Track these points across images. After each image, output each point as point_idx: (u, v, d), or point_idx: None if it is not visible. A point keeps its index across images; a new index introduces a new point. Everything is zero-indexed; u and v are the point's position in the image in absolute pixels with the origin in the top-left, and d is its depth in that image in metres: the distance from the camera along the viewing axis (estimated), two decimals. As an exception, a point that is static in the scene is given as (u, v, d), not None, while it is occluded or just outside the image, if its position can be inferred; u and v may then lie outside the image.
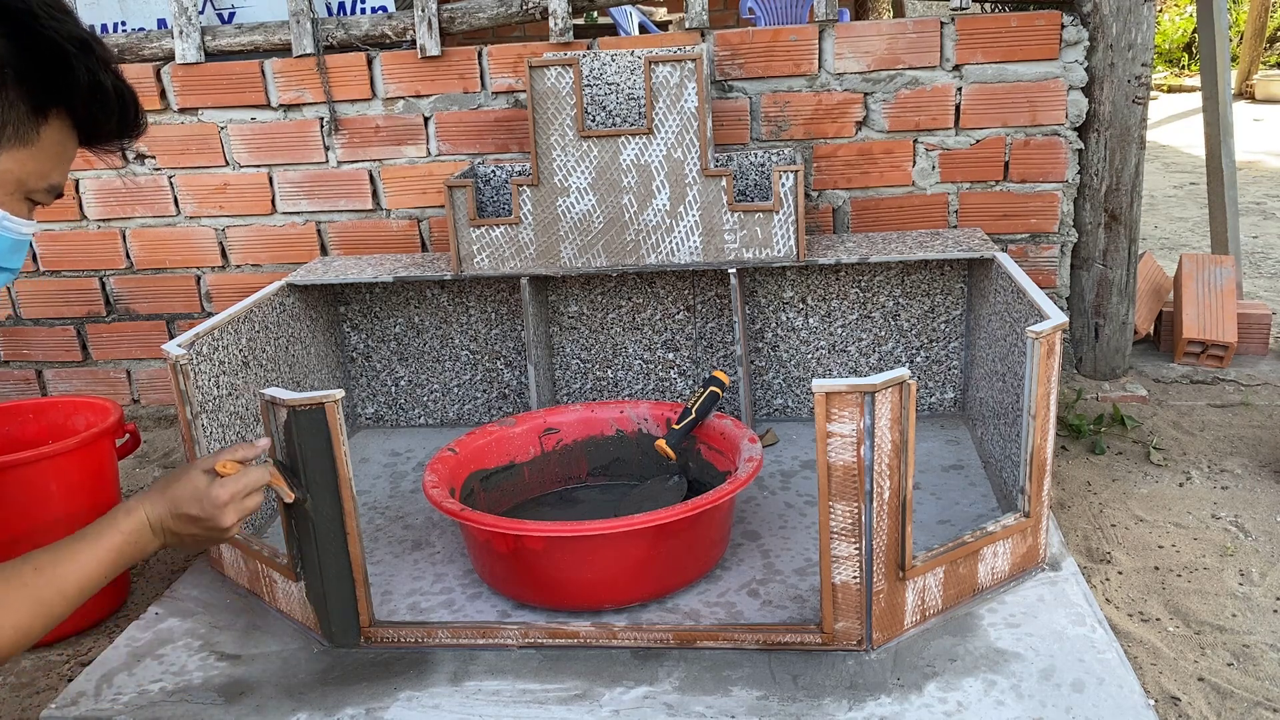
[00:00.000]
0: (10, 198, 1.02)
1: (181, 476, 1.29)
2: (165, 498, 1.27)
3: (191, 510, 1.27)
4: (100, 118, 1.02)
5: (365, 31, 2.47)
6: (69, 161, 1.06)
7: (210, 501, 1.28)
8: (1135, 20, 2.28)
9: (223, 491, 1.28)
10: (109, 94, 1.00)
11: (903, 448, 1.39)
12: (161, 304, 2.70)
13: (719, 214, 2.09)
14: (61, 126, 1.01)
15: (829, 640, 1.46)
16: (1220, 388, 2.52)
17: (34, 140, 0.99)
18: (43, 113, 0.99)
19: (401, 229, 2.56)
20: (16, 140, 0.98)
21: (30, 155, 1.00)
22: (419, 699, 1.44)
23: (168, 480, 1.29)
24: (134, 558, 1.24)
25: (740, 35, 2.35)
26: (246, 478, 1.32)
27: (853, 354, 2.31)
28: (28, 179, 1.01)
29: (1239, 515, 1.98)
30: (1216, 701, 1.48)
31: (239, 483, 1.30)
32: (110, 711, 1.45)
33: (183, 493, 1.27)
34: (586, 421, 2.01)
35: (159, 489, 1.28)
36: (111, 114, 1.02)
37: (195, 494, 1.27)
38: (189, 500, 1.27)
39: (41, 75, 0.97)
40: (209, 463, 1.32)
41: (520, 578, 1.60)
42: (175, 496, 1.27)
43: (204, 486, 1.28)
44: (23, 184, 1.02)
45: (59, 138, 1.02)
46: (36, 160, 1.01)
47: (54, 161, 1.03)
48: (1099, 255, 2.43)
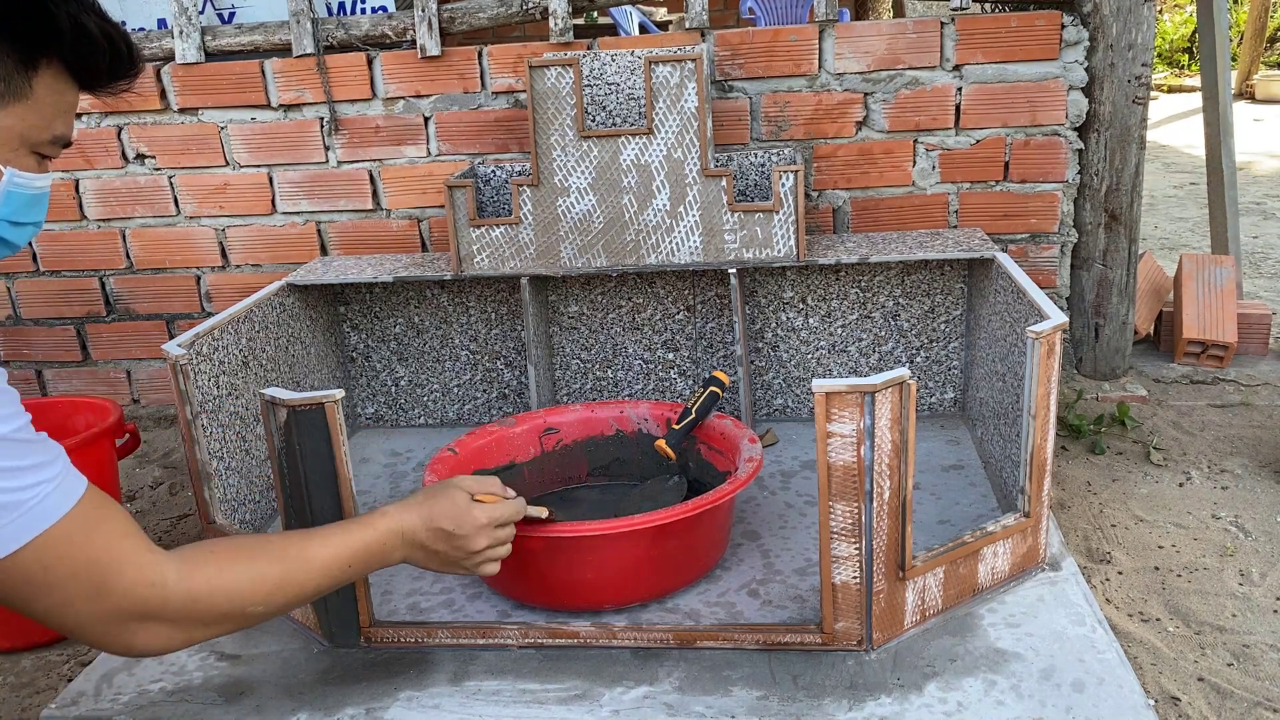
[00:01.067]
0: (16, 154, 1.02)
1: (442, 492, 1.30)
2: (423, 508, 1.28)
3: (447, 525, 1.28)
4: (91, 61, 1.01)
5: (365, 31, 2.47)
6: (70, 111, 1.05)
7: (469, 521, 1.29)
8: (1135, 20, 2.28)
9: (481, 515, 1.30)
10: (95, 36, 0.99)
11: (903, 448, 1.39)
12: (161, 304, 2.70)
13: (719, 214, 2.09)
14: (55, 75, 1.00)
15: (829, 640, 1.46)
16: (1220, 388, 2.52)
17: (28, 93, 0.99)
18: (32, 64, 0.98)
19: (401, 229, 2.56)
20: (10, 95, 0.98)
21: (28, 109, 0.99)
22: (419, 699, 1.44)
23: (428, 493, 1.30)
24: (377, 562, 1.25)
25: (740, 35, 2.35)
26: (504, 508, 1.34)
27: (853, 354, 2.31)
28: (30, 133, 1.01)
29: (1239, 515, 1.98)
30: (1216, 701, 1.48)
31: (497, 510, 1.32)
32: (110, 711, 1.45)
33: (442, 507, 1.28)
34: (586, 421, 2.01)
35: (418, 500, 1.29)
36: (102, 56, 1.01)
37: (454, 510, 1.28)
38: (447, 515, 1.28)
39: (22, 26, 0.96)
40: (471, 486, 1.33)
41: (520, 578, 1.60)
42: (434, 509, 1.28)
43: (464, 505, 1.29)
44: (26, 138, 1.01)
45: (54, 87, 1.01)
46: (36, 113, 1.00)
47: (54, 112, 1.02)
48: (1099, 255, 2.43)
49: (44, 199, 1.09)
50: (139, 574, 1.01)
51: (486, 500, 1.34)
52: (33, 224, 1.10)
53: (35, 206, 1.08)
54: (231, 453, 1.88)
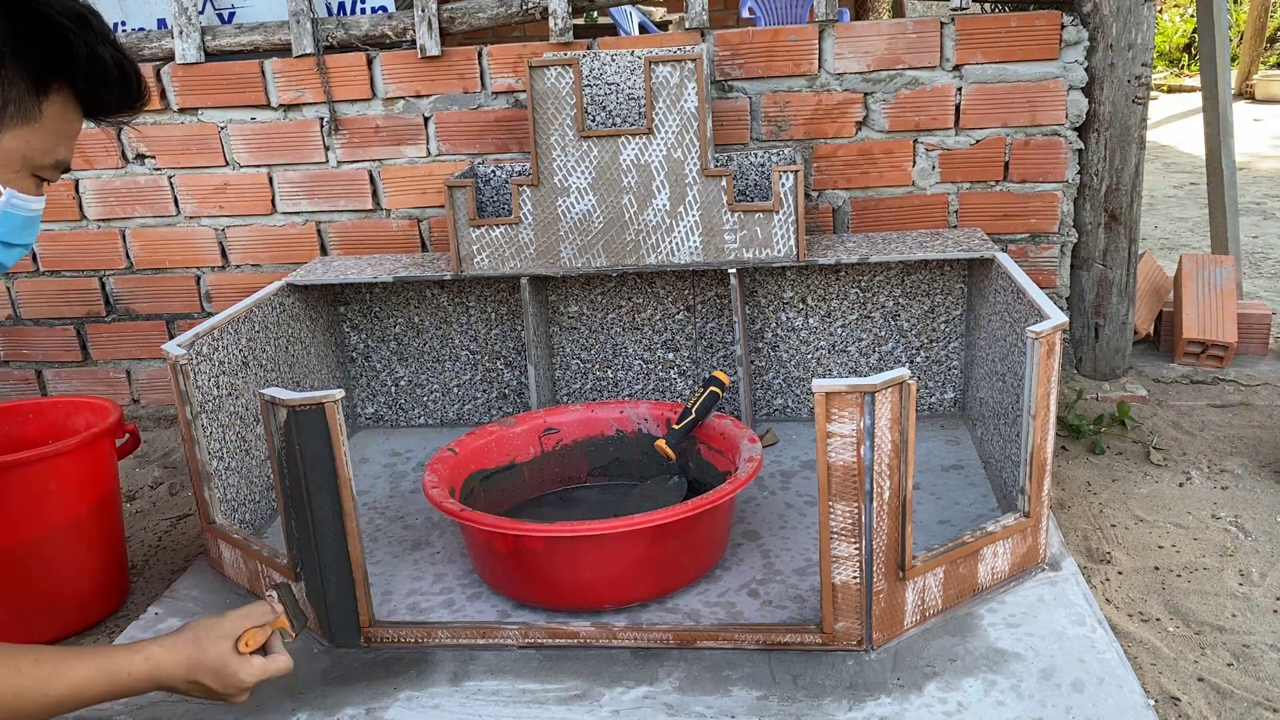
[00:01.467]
0: (17, 175, 1.02)
1: (210, 641, 1.25)
2: (190, 660, 1.24)
3: (210, 683, 1.25)
4: (101, 91, 1.02)
5: (365, 31, 2.47)
6: (74, 136, 1.06)
7: (235, 683, 1.26)
8: (1135, 20, 2.28)
9: (248, 677, 1.27)
10: (109, 66, 1.00)
11: (903, 448, 1.39)
12: (161, 304, 2.70)
13: (719, 214, 2.09)
14: (64, 101, 1.01)
15: (829, 640, 1.46)
16: (1220, 388, 2.52)
17: (36, 117, 0.99)
18: (43, 89, 0.99)
19: (401, 229, 2.56)
20: (19, 118, 0.98)
21: (34, 132, 1.00)
22: (419, 699, 1.44)
23: (197, 637, 1.25)
24: (124, 696, 1.22)
25: (740, 35, 2.35)
26: (274, 665, 1.30)
27: (853, 354, 2.31)
28: (33, 155, 1.02)
29: (1239, 515, 1.98)
30: (1216, 701, 1.48)
31: (266, 671, 1.29)
32: (110, 711, 1.45)
33: (209, 660, 1.25)
34: (586, 421, 2.01)
35: (186, 648, 1.24)
36: (113, 86, 1.02)
37: (222, 666, 1.25)
38: (212, 674, 1.25)
39: (39, 51, 0.97)
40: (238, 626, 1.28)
41: (520, 578, 1.60)
42: (201, 662, 1.24)
43: (232, 665, 1.26)
44: (29, 161, 1.02)
45: (62, 113, 1.02)
46: (41, 137, 1.01)
47: (59, 137, 1.03)
48: (1099, 255, 2.43)
49: (36, 221, 1.09)
50: None
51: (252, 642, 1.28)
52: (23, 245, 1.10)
53: (28, 229, 1.08)
54: (231, 453, 1.88)
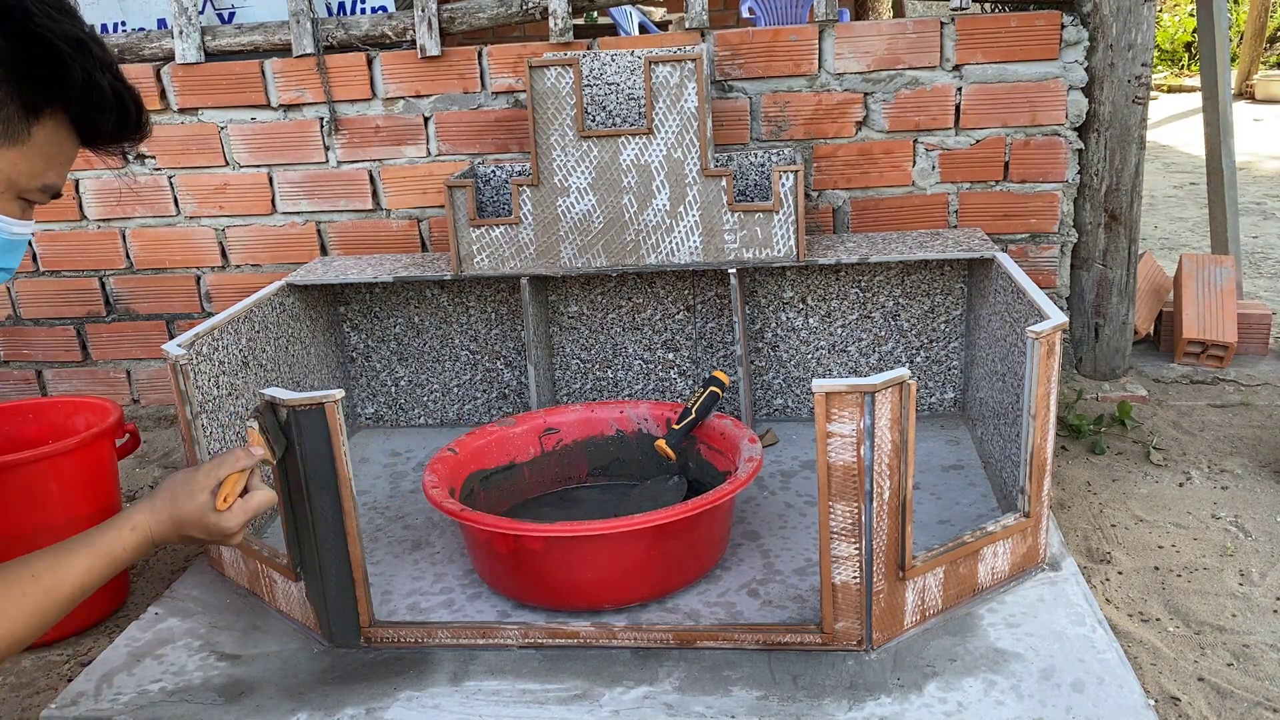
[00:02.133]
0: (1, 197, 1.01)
1: (187, 498, 1.28)
2: (172, 520, 1.27)
3: (197, 534, 1.29)
4: (97, 119, 1.01)
5: (365, 31, 2.47)
6: (67, 162, 1.05)
7: (219, 531, 1.29)
8: (1135, 20, 2.28)
9: (232, 524, 1.29)
10: (106, 95, 0.99)
11: (903, 448, 1.39)
12: (161, 304, 2.70)
13: (719, 214, 2.09)
14: (57, 127, 1.00)
15: (829, 640, 1.46)
16: (1220, 388, 2.52)
17: (25, 140, 0.98)
18: (35, 112, 0.98)
19: (401, 229, 2.56)
20: (7, 139, 0.97)
21: (21, 155, 0.99)
22: (419, 699, 1.44)
23: (174, 496, 1.28)
24: (131, 564, 1.26)
25: (740, 35, 2.35)
26: (253, 502, 1.32)
27: (853, 354, 2.31)
28: (19, 178, 1.00)
29: (1239, 515, 1.98)
30: (1216, 701, 1.48)
31: (247, 511, 1.31)
32: (110, 711, 1.45)
33: (190, 517, 1.28)
34: (586, 421, 2.01)
35: (166, 507, 1.27)
36: (109, 115, 1.01)
37: (202, 521, 1.28)
38: (196, 525, 1.28)
39: (34, 74, 0.96)
40: (212, 478, 1.30)
41: (520, 578, 1.60)
42: (182, 520, 1.27)
43: (212, 518, 1.28)
44: (14, 183, 1.00)
45: (53, 138, 1.00)
46: (28, 160, 0.99)
47: (47, 161, 1.02)
48: (1099, 255, 2.43)
49: (20, 245, 1.08)
50: None
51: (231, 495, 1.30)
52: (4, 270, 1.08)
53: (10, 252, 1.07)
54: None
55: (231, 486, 1.31)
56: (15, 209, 1.04)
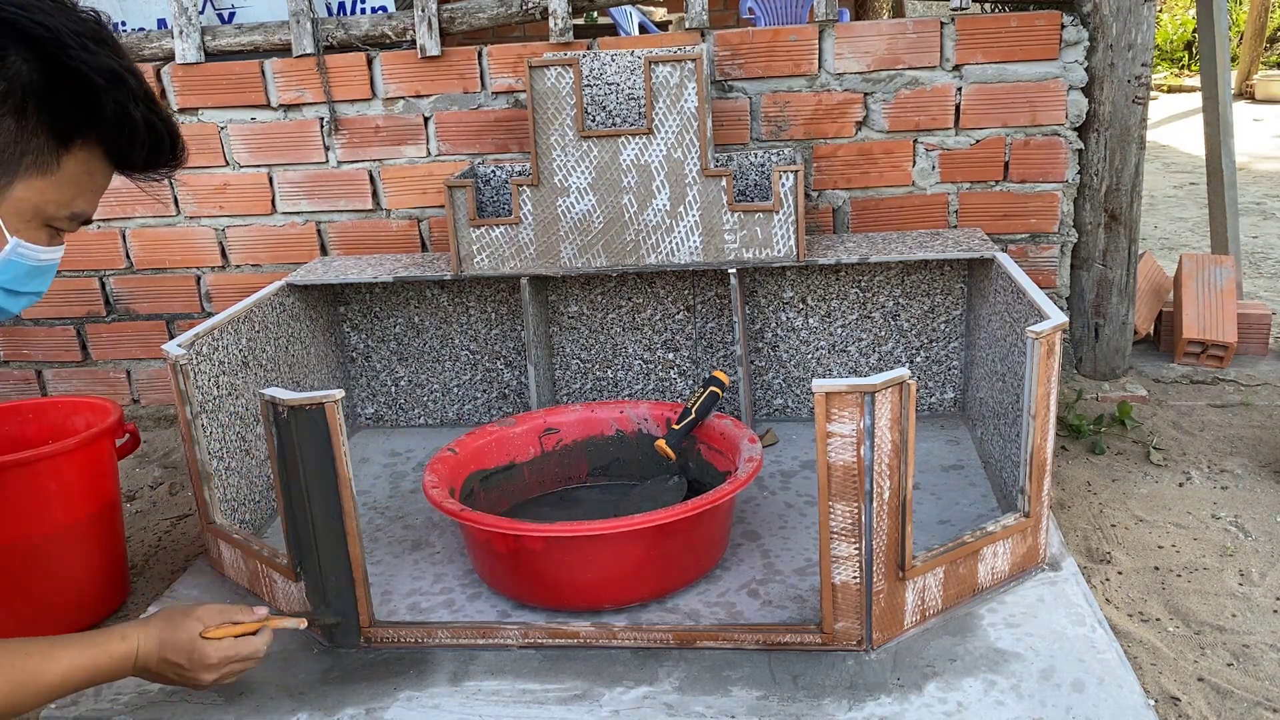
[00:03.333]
0: (27, 225, 1.01)
1: (181, 625, 1.30)
2: (159, 641, 1.28)
3: (177, 659, 1.29)
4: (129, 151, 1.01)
5: (365, 31, 2.47)
6: (98, 191, 1.04)
7: (199, 659, 1.30)
8: (1135, 20, 2.28)
9: (213, 654, 1.30)
10: (139, 127, 0.99)
11: (903, 448, 1.39)
12: (161, 304, 2.70)
13: (719, 214, 2.09)
14: (88, 157, 1.00)
15: (829, 640, 1.46)
16: (1220, 388, 2.52)
17: (54, 170, 0.98)
18: (67, 143, 0.97)
19: (401, 229, 2.56)
20: (36, 169, 0.97)
21: (50, 184, 0.99)
22: (419, 699, 1.44)
23: (170, 617, 1.31)
24: (105, 680, 1.26)
25: (740, 35, 2.35)
26: (241, 649, 1.33)
27: (853, 354, 2.31)
28: (47, 207, 1.00)
29: (1239, 515, 1.98)
30: (1216, 701, 1.48)
31: (232, 651, 1.32)
32: (110, 711, 1.45)
33: (177, 641, 1.29)
34: (586, 421, 2.01)
35: (158, 629, 1.29)
36: (141, 147, 1.01)
37: (187, 647, 1.29)
38: (179, 649, 1.29)
39: (66, 106, 0.95)
40: (211, 616, 1.33)
41: (520, 578, 1.60)
42: (168, 642, 1.29)
43: (199, 643, 1.30)
44: (41, 212, 1.00)
45: (84, 168, 1.00)
46: (58, 189, 0.99)
47: (76, 190, 1.01)
48: (1099, 255, 2.43)
49: (49, 270, 1.07)
50: None
51: (217, 635, 1.32)
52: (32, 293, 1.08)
53: (37, 277, 1.07)
54: (231, 453, 1.88)
55: (224, 631, 1.33)
56: (44, 236, 1.03)
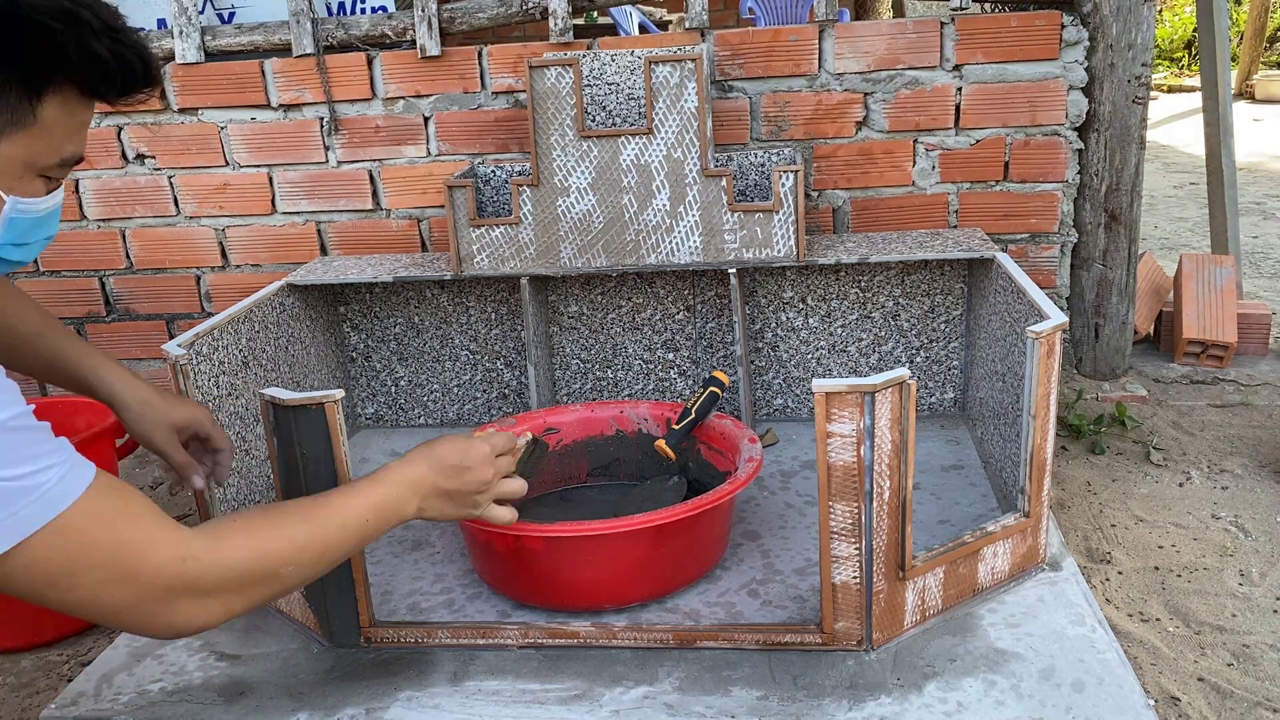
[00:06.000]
0: (20, 180, 1.00)
1: (438, 440, 1.34)
2: (429, 454, 1.31)
3: (453, 460, 1.32)
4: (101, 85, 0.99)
5: (365, 31, 2.47)
6: (82, 128, 1.03)
7: (474, 453, 1.33)
8: (1135, 20, 2.28)
9: (483, 444, 1.35)
10: (106, 61, 0.97)
11: (903, 448, 1.39)
12: (161, 304, 2.70)
13: (719, 214, 2.09)
14: (63, 100, 0.98)
15: (829, 640, 1.46)
16: (1220, 388, 2.52)
17: (32, 121, 0.96)
18: (37, 92, 0.96)
19: (401, 229, 2.56)
20: (14, 125, 0.96)
21: (33, 136, 0.97)
22: (419, 699, 1.44)
23: (425, 444, 1.34)
24: (395, 517, 1.26)
25: (740, 35, 2.35)
26: (499, 437, 1.39)
27: (853, 354, 2.31)
28: (36, 159, 0.99)
29: (1239, 515, 1.98)
30: (1216, 701, 1.48)
31: (495, 439, 1.38)
32: (110, 711, 1.45)
33: (443, 449, 1.32)
34: (586, 421, 2.01)
35: (419, 451, 1.32)
36: (114, 80, 0.99)
37: (456, 447, 1.33)
38: (451, 452, 1.32)
39: (28, 57, 0.94)
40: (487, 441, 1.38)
41: (520, 578, 1.60)
42: (436, 452, 1.31)
43: (463, 442, 1.34)
44: (32, 164, 0.99)
45: (62, 111, 0.99)
46: (42, 139, 0.98)
47: (63, 134, 1.00)
48: (1099, 255, 2.43)
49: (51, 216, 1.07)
50: (168, 551, 1.00)
51: None
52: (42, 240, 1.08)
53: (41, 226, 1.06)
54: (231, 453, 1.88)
55: None
56: (39, 186, 1.03)
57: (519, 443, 1.48)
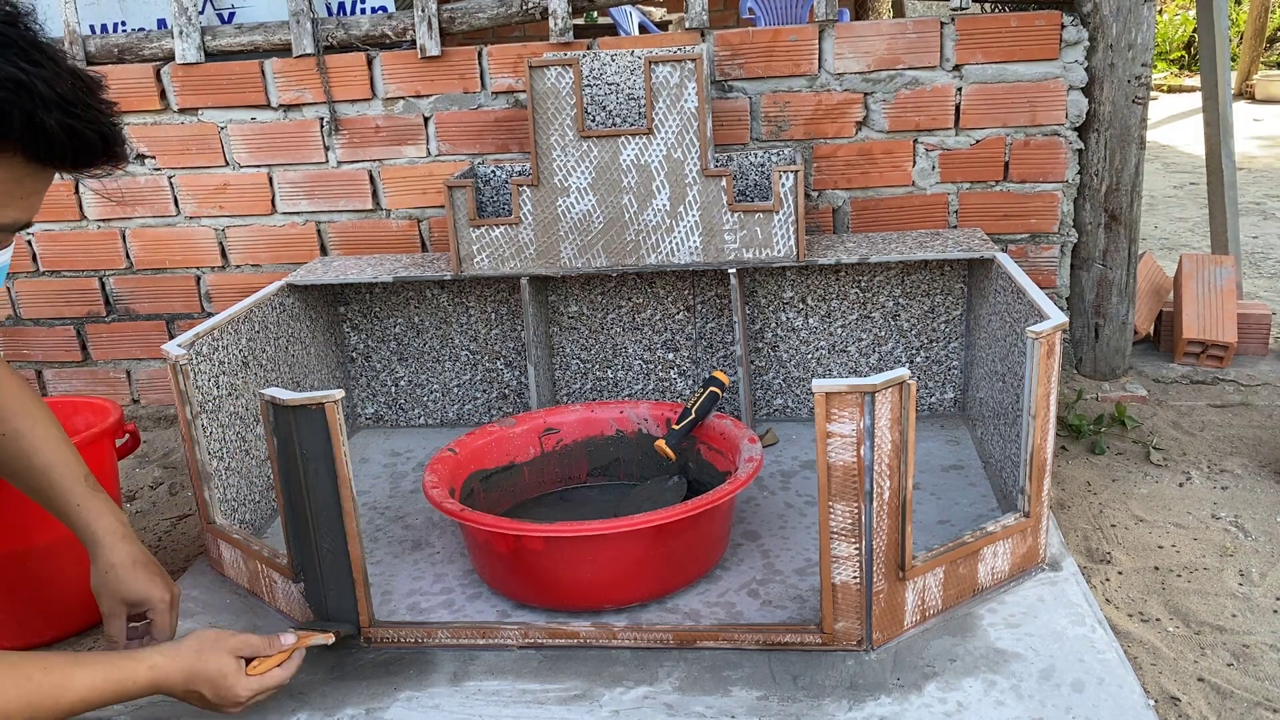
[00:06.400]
0: None
1: (210, 658, 1.29)
2: (187, 674, 1.27)
3: (205, 691, 1.29)
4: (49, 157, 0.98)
5: (365, 31, 2.47)
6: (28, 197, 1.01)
7: (229, 695, 1.29)
8: (1135, 20, 2.28)
9: (244, 691, 1.30)
10: (53, 133, 0.95)
11: (903, 448, 1.39)
12: (161, 304, 2.70)
13: (719, 214, 2.09)
14: (9, 164, 0.96)
15: (829, 640, 1.46)
16: (1220, 388, 2.52)
17: None
18: None
19: (401, 229, 2.56)
20: None
21: None
22: (419, 699, 1.44)
23: (200, 649, 1.29)
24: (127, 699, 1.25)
25: (740, 35, 2.35)
26: (267, 681, 1.33)
27: (853, 354, 2.31)
28: None
29: (1239, 515, 1.98)
30: (1216, 701, 1.48)
31: (259, 685, 1.32)
32: (110, 712, 1.45)
33: (208, 675, 1.28)
34: (586, 421, 2.01)
35: (188, 658, 1.28)
36: (63, 152, 0.97)
37: (217, 683, 1.29)
38: (209, 685, 1.28)
39: None
40: (246, 647, 1.33)
41: (520, 578, 1.60)
42: (197, 675, 1.28)
43: (230, 677, 1.29)
44: None
45: (7, 176, 0.97)
46: None
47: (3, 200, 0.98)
48: (1099, 255, 2.43)
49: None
50: None
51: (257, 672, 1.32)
52: None
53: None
54: (231, 453, 1.88)
55: (261, 663, 1.34)
56: None
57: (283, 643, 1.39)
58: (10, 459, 1.43)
